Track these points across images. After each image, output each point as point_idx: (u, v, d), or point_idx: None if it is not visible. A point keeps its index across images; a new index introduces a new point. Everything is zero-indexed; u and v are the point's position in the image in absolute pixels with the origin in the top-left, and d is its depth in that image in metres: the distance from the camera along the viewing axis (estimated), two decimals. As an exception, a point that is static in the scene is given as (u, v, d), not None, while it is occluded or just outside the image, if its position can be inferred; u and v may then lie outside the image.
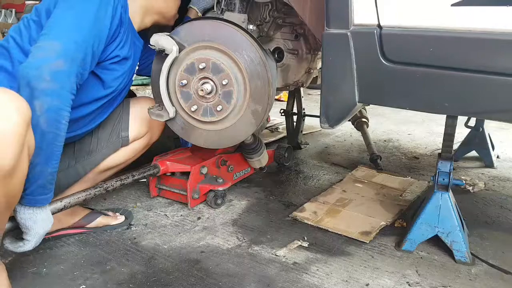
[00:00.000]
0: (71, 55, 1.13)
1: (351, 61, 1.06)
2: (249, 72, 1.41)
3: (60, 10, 1.20)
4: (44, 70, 1.07)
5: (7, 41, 1.28)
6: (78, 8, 1.20)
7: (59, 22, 1.17)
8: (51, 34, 1.15)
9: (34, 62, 1.08)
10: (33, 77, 1.06)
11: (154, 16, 1.52)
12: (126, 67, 1.42)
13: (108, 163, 1.56)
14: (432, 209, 1.41)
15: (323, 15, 1.13)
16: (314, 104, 4.07)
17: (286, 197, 1.88)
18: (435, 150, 2.66)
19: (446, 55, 0.96)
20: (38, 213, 1.14)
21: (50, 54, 1.10)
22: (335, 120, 1.17)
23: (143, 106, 1.60)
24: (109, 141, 1.54)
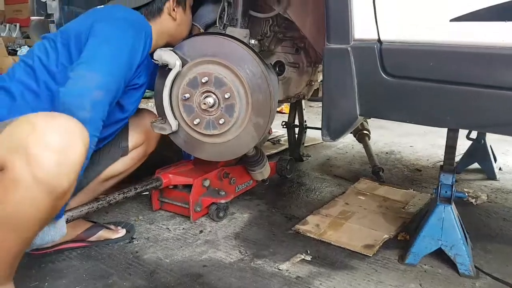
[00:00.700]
0: (108, 86, 1.21)
1: (352, 75, 1.07)
2: (251, 86, 1.43)
3: (97, 41, 1.26)
4: (85, 100, 1.15)
5: (31, 59, 1.32)
6: (115, 42, 1.28)
7: (98, 53, 1.24)
8: (91, 64, 1.21)
9: (76, 90, 1.16)
10: (74, 105, 1.13)
11: (167, 39, 1.57)
12: (141, 92, 1.51)
13: (108, 172, 1.60)
14: (435, 222, 1.41)
15: (323, 29, 1.14)
16: (316, 116, 4.09)
17: (288, 210, 1.88)
18: (437, 162, 2.66)
19: (446, 70, 0.97)
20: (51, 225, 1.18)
21: (91, 84, 1.17)
22: (336, 133, 1.18)
23: (141, 117, 1.67)
24: (110, 152, 1.59)
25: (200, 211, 1.74)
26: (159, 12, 1.51)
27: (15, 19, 5.77)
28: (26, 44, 5.35)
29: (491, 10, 0.90)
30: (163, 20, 1.52)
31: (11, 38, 5.51)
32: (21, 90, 1.27)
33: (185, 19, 1.60)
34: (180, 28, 1.59)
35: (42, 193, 0.95)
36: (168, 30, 1.55)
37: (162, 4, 1.50)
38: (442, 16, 0.95)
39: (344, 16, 1.04)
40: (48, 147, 0.93)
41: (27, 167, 0.92)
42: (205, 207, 1.76)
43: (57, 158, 0.94)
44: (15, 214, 0.95)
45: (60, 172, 0.95)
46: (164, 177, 1.71)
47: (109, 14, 1.36)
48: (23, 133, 0.94)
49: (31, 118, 0.98)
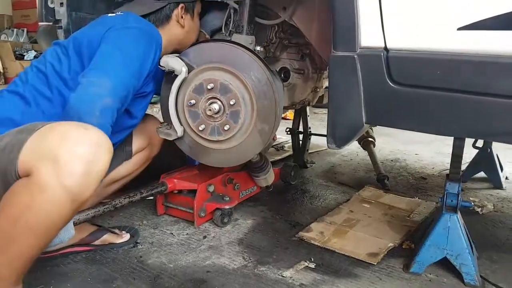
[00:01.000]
0: (118, 93, 1.23)
1: (358, 83, 1.07)
2: (256, 93, 1.43)
3: (109, 48, 1.28)
4: (95, 106, 1.17)
5: (44, 65, 1.34)
6: (127, 49, 1.29)
7: (109, 60, 1.26)
8: (102, 71, 1.24)
9: (86, 96, 1.18)
10: (85, 111, 1.16)
11: (175, 46, 1.60)
12: (149, 98, 1.54)
13: (112, 176, 1.62)
14: (441, 231, 1.40)
15: (328, 36, 1.15)
16: (320, 122, 4.09)
17: (292, 217, 1.87)
18: (443, 170, 2.65)
19: (453, 78, 0.97)
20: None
21: (102, 91, 1.19)
22: (342, 141, 1.18)
23: (145, 122, 1.68)
24: (114, 156, 1.57)
25: (204, 216, 1.74)
26: (167, 19, 1.53)
27: (23, 24, 5.83)
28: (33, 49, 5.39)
29: (499, 19, 0.90)
30: (171, 27, 1.55)
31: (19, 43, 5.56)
32: (35, 96, 1.29)
33: (193, 26, 1.62)
34: (189, 35, 1.61)
35: (67, 201, 0.98)
36: (177, 37, 1.57)
37: (170, 12, 1.53)
38: (449, 24, 0.95)
39: (350, 24, 1.04)
40: (79, 158, 0.97)
41: (55, 174, 0.94)
42: (209, 212, 1.76)
43: (85, 168, 0.97)
44: (38, 219, 0.97)
45: (86, 181, 0.99)
46: (169, 182, 1.71)
47: (122, 23, 1.37)
48: (55, 142, 0.97)
49: (63, 127, 1.01)
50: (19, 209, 0.96)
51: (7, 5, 5.87)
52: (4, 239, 0.99)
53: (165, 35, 1.51)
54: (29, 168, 0.96)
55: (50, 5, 1.74)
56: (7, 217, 0.98)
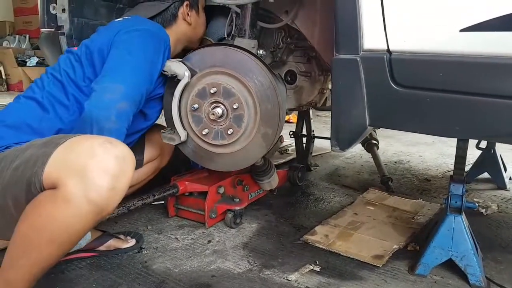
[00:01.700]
0: (132, 97, 1.26)
1: (361, 85, 1.07)
2: (259, 96, 1.44)
3: (119, 53, 1.31)
4: (111, 112, 1.20)
5: (59, 74, 1.36)
6: (136, 54, 1.32)
7: (120, 65, 1.29)
8: (115, 76, 1.27)
9: (102, 103, 1.21)
10: (102, 117, 1.19)
11: (184, 43, 1.63)
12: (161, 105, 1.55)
13: None
14: (445, 233, 1.40)
15: (331, 39, 1.15)
16: (323, 125, 4.09)
17: (296, 220, 1.87)
18: (447, 172, 2.64)
19: (456, 80, 0.97)
20: None
21: (116, 96, 1.22)
22: (345, 144, 1.18)
23: (156, 132, 1.69)
24: None
25: (215, 217, 1.76)
26: (174, 18, 1.56)
27: (25, 31, 5.86)
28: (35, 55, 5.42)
29: (501, 20, 0.90)
30: (178, 25, 1.58)
31: (21, 49, 5.59)
32: (52, 102, 1.32)
33: (200, 21, 1.65)
34: (196, 30, 1.65)
35: (92, 214, 0.99)
36: (185, 34, 1.60)
37: (176, 10, 1.55)
38: (452, 26, 0.95)
39: (353, 27, 1.05)
40: (106, 172, 0.98)
41: (82, 188, 0.96)
42: (220, 213, 1.77)
43: (112, 183, 0.99)
44: (62, 230, 0.99)
45: (111, 195, 1.00)
46: (180, 184, 1.73)
47: (130, 26, 1.39)
48: (82, 156, 0.99)
49: (89, 142, 1.03)
50: (44, 219, 0.97)
51: (9, 11, 5.92)
52: (26, 246, 1.00)
53: (173, 34, 1.54)
54: (55, 180, 0.97)
55: (52, 11, 1.75)
56: (31, 226, 0.99)
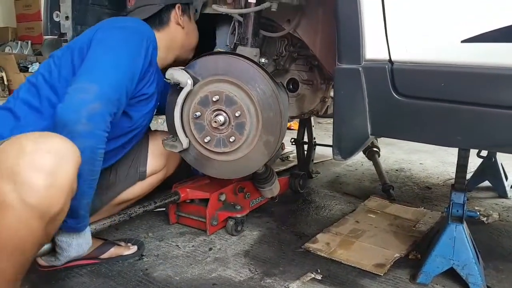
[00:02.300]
0: (107, 97, 1.18)
1: (363, 95, 1.08)
2: (262, 104, 1.44)
3: (97, 52, 1.25)
4: (82, 113, 1.12)
5: (35, 78, 1.33)
6: (114, 51, 1.26)
7: (96, 64, 1.23)
8: (89, 76, 1.20)
9: (72, 104, 1.13)
10: (71, 120, 1.11)
11: (175, 52, 1.60)
12: (152, 104, 1.49)
13: (124, 196, 1.61)
14: (447, 241, 1.40)
15: (333, 48, 1.16)
16: (324, 132, 4.09)
17: (298, 228, 1.87)
18: (448, 180, 2.64)
19: (457, 90, 0.98)
20: (75, 238, 1.22)
21: (88, 96, 1.14)
22: (347, 152, 1.18)
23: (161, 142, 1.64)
24: (127, 176, 1.59)
25: (217, 225, 1.76)
26: (167, 22, 1.54)
27: (27, 37, 5.87)
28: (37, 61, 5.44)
29: (501, 31, 0.91)
30: (171, 29, 1.56)
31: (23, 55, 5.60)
32: (24, 109, 1.28)
33: (192, 28, 1.63)
34: (189, 37, 1.61)
35: (34, 217, 0.93)
36: (178, 39, 1.58)
37: (168, 13, 1.54)
38: (453, 37, 0.96)
39: (355, 37, 1.06)
40: (39, 170, 0.92)
41: (15, 191, 0.90)
42: (221, 221, 1.77)
43: (48, 181, 0.93)
44: (8, 239, 0.93)
45: (51, 195, 0.94)
46: (182, 192, 1.73)
47: (109, 24, 1.37)
48: (12, 156, 0.92)
49: (21, 139, 0.96)
50: None
51: (11, 17, 5.93)
52: None
53: (166, 38, 1.53)
54: None
55: (55, 18, 1.76)
56: None
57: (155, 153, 1.65)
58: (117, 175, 1.57)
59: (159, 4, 1.51)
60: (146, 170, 1.62)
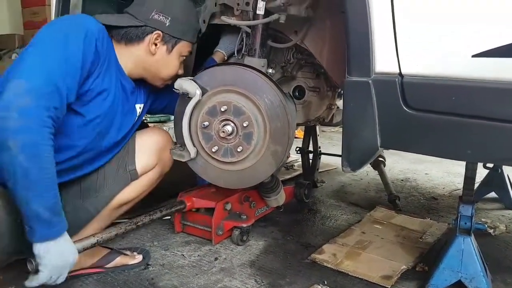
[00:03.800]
0: (38, 90, 1.10)
1: (373, 107, 1.08)
2: (269, 115, 1.44)
3: (26, 51, 1.20)
4: (11, 110, 1.06)
5: None
6: (41, 45, 1.20)
7: (24, 61, 1.16)
8: (16, 73, 1.13)
9: (2, 103, 1.07)
10: (2, 118, 1.05)
11: (140, 71, 1.49)
12: (109, 100, 1.38)
13: (121, 198, 1.52)
14: (455, 254, 1.39)
15: (340, 59, 1.16)
16: (329, 141, 4.10)
17: (304, 238, 1.86)
18: (454, 190, 2.63)
19: (468, 104, 0.98)
20: (52, 245, 1.12)
21: (16, 91, 1.08)
22: (356, 164, 1.18)
23: (150, 137, 1.59)
24: (117, 176, 1.51)
25: (222, 234, 1.76)
26: (137, 39, 1.43)
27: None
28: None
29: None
30: (139, 48, 1.44)
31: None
32: None
33: (167, 60, 1.49)
34: (158, 65, 1.48)
35: None
36: (142, 61, 1.46)
37: (143, 33, 1.42)
38: (464, 51, 0.96)
39: (365, 50, 1.06)
40: None
41: None
42: (227, 230, 1.77)
43: None
44: None
45: None
46: (187, 200, 1.73)
47: (48, 24, 1.29)
48: None
49: None
50: None
51: (19, 25, 5.99)
52: None
53: (129, 54, 1.43)
54: None
55: None
56: None
57: (143, 150, 1.55)
58: (105, 177, 1.50)
59: (140, 21, 1.41)
60: (135, 168, 1.52)
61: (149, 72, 1.50)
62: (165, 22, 1.43)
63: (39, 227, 1.10)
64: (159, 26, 1.42)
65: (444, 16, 1.00)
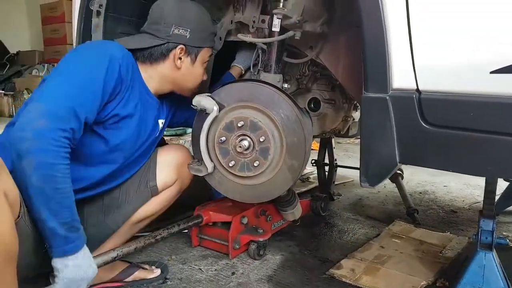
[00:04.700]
0: (54, 113, 1.12)
1: (391, 123, 1.08)
2: (286, 130, 1.45)
3: (50, 76, 1.23)
4: (27, 131, 1.08)
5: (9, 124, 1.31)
6: (61, 70, 1.23)
7: (45, 86, 1.19)
8: (35, 97, 1.17)
9: (18, 125, 1.10)
10: (17, 139, 1.08)
11: (170, 86, 1.52)
12: (132, 125, 1.40)
13: (141, 214, 1.57)
14: (476, 270, 1.36)
15: (355, 73, 1.16)
16: (344, 153, 4.07)
17: (321, 252, 1.85)
18: (473, 203, 2.59)
19: (487, 120, 0.97)
20: (70, 260, 1.14)
21: (32, 114, 1.11)
22: (375, 180, 1.18)
23: (170, 154, 1.63)
24: (138, 192, 1.56)
25: (239, 248, 1.76)
26: (163, 57, 1.44)
27: (54, 60, 6.07)
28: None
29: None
30: (165, 65, 1.46)
31: (50, 77, 5.78)
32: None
33: (193, 71, 1.51)
34: (185, 78, 1.51)
35: None
36: (170, 76, 1.49)
37: (167, 51, 1.44)
38: (482, 68, 0.96)
39: (382, 66, 1.06)
40: None
41: None
42: (244, 244, 1.77)
43: None
44: None
45: None
46: (204, 214, 1.74)
47: (73, 49, 1.33)
48: None
49: None
50: None
51: (39, 41, 6.16)
52: None
53: (156, 72, 1.46)
54: None
55: None
56: None
57: (164, 166, 1.59)
58: (127, 193, 1.55)
59: (161, 39, 1.42)
60: (156, 184, 1.57)
61: (177, 85, 1.53)
62: (185, 35, 1.44)
63: (56, 243, 1.12)
64: (181, 40, 1.44)
65: (461, 33, 1.00)
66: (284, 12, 1.42)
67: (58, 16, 5.62)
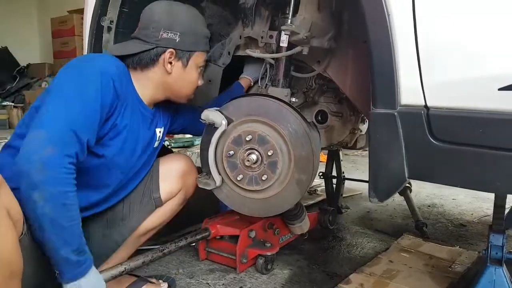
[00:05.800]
0: (58, 139, 1.11)
1: (400, 139, 1.08)
2: (294, 143, 1.46)
3: (43, 99, 1.23)
4: (35, 162, 1.07)
5: (11, 139, 1.32)
6: (61, 94, 1.21)
7: (44, 111, 1.18)
8: (36, 123, 1.16)
9: (24, 155, 1.09)
10: (26, 170, 1.07)
11: (165, 93, 1.49)
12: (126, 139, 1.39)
13: (146, 226, 1.56)
14: (486, 285, 1.35)
15: (363, 88, 1.16)
16: (352, 165, 4.06)
17: (329, 267, 1.84)
18: (482, 217, 2.56)
19: (495, 136, 0.97)
20: (83, 282, 1.15)
21: (38, 143, 1.10)
22: (384, 195, 1.18)
23: (173, 163, 1.62)
24: (142, 205, 1.55)
25: (246, 262, 1.75)
26: (152, 62, 1.41)
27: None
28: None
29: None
30: (156, 71, 1.42)
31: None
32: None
33: (185, 76, 1.47)
34: (177, 83, 1.46)
35: None
36: (162, 83, 1.45)
37: (156, 55, 1.40)
38: (490, 85, 0.96)
39: (390, 83, 1.07)
40: None
41: None
42: (251, 258, 1.77)
43: None
44: None
45: None
46: (212, 228, 1.75)
47: (65, 65, 1.31)
48: None
49: None
50: None
51: (49, 54, 6.24)
52: None
53: (147, 79, 1.42)
54: None
55: None
56: None
57: (166, 176, 1.58)
58: (131, 205, 1.54)
59: (150, 44, 1.39)
60: (159, 195, 1.56)
61: (171, 92, 1.49)
62: (175, 39, 1.39)
63: (69, 269, 1.13)
64: (170, 43, 1.39)
65: (468, 50, 1.01)
66: (292, 28, 1.43)
67: (68, 29, 5.70)
